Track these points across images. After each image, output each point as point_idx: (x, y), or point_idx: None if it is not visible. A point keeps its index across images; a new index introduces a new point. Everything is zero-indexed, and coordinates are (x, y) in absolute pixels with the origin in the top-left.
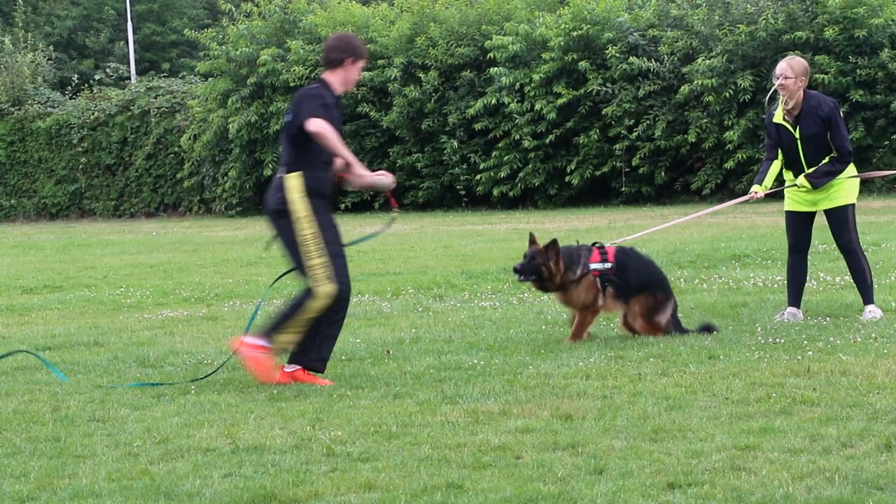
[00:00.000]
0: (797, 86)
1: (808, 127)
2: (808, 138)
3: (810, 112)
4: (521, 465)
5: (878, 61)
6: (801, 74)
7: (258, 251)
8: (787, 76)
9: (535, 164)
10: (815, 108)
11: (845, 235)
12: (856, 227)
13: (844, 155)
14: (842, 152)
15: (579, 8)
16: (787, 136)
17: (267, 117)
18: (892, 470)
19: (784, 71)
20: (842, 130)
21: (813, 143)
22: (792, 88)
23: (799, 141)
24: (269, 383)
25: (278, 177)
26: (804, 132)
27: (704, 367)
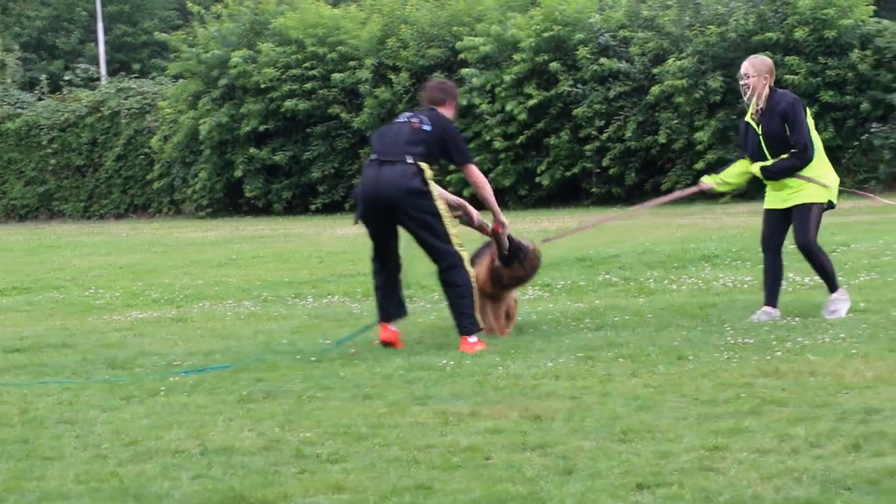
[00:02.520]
0: (761, 84)
1: (769, 124)
2: (769, 135)
3: (772, 109)
4: (491, 466)
5: (847, 62)
6: (765, 73)
7: (228, 252)
8: (750, 75)
9: (506, 165)
10: (776, 104)
11: (803, 235)
12: (817, 228)
13: (801, 150)
14: (798, 147)
15: (550, 9)
16: (752, 132)
17: (238, 119)
18: (861, 470)
19: (746, 70)
20: (799, 126)
21: (774, 140)
22: (757, 86)
23: (761, 137)
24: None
25: (411, 163)
26: (765, 129)
27: (674, 368)
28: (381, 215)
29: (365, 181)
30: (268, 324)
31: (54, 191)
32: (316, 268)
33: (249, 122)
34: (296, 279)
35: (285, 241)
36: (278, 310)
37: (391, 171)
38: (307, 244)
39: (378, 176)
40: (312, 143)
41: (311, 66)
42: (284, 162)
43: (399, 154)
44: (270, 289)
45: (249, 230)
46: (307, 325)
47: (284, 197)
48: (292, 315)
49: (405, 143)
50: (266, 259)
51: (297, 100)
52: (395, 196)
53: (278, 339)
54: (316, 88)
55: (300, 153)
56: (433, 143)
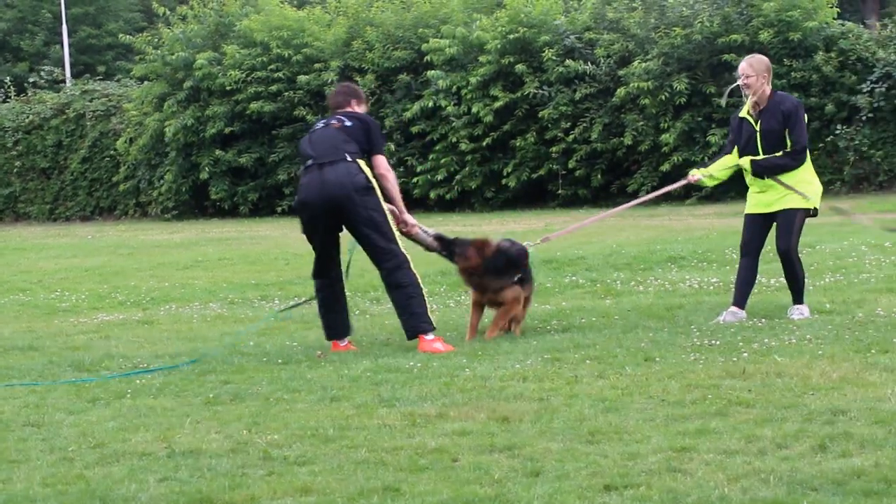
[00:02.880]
0: (760, 82)
1: (768, 121)
2: (767, 132)
3: (774, 107)
4: (458, 468)
5: (812, 64)
6: (763, 71)
7: (194, 254)
8: (749, 74)
9: (472, 167)
10: (778, 103)
11: (786, 241)
12: (799, 235)
13: (798, 151)
14: (796, 147)
15: (516, 11)
16: (748, 129)
17: (203, 121)
18: (827, 471)
19: (745, 70)
20: (800, 127)
21: (771, 138)
22: (755, 85)
23: (759, 134)
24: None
25: (351, 161)
26: (764, 126)
27: (641, 369)
28: (326, 220)
29: (307, 187)
30: (234, 326)
31: (19, 193)
32: (282, 270)
33: (215, 124)
34: (262, 281)
35: (251, 243)
36: (245, 312)
37: (334, 171)
38: (273, 246)
39: (321, 179)
40: (278, 146)
41: (276, 68)
42: (250, 164)
43: (337, 154)
44: (237, 291)
45: (215, 232)
46: (274, 328)
47: (250, 199)
48: (259, 317)
49: (339, 143)
50: (232, 261)
51: (263, 102)
52: (341, 195)
53: (245, 341)
54: (281, 90)
55: (266, 155)
56: (358, 135)
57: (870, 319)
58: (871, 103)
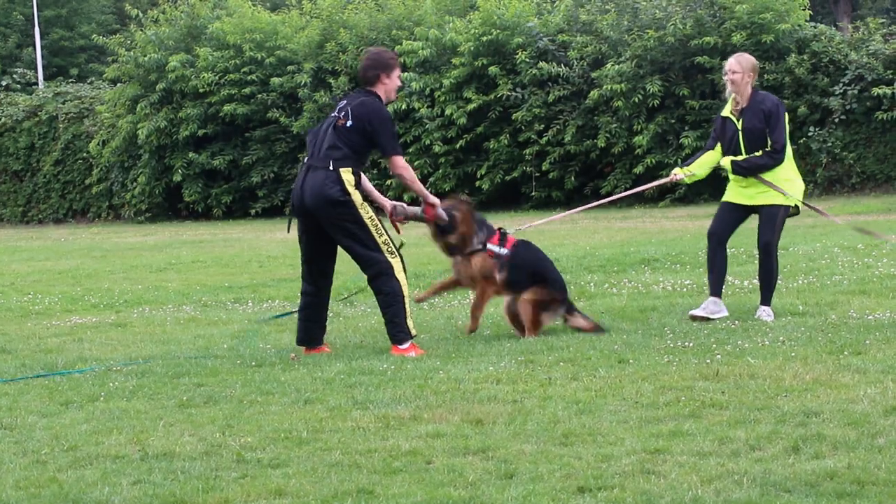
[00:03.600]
0: (745, 80)
1: (750, 120)
2: (749, 131)
3: (755, 106)
4: (432, 470)
5: (785, 66)
6: (749, 70)
7: (168, 257)
8: (735, 71)
9: (446, 170)
10: (759, 102)
11: (768, 234)
12: (780, 232)
13: (777, 150)
14: (775, 147)
15: (489, 13)
16: (730, 127)
17: (176, 123)
18: (800, 472)
19: (732, 66)
20: (780, 127)
21: (753, 136)
22: (740, 83)
23: (740, 132)
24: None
25: (331, 170)
26: (746, 125)
27: (614, 371)
28: (309, 223)
29: (295, 189)
30: (207, 328)
31: None
32: (256, 272)
33: (188, 126)
34: (236, 284)
35: (225, 245)
36: (218, 314)
37: (314, 178)
38: (247, 249)
39: (303, 183)
40: (251, 148)
41: (249, 70)
42: (223, 166)
43: (322, 160)
44: (210, 293)
45: (189, 235)
46: (247, 330)
47: (224, 201)
48: (232, 320)
49: (328, 148)
50: (206, 264)
51: (236, 104)
52: (314, 205)
53: (218, 343)
54: (255, 93)
55: (239, 157)
56: (356, 138)
57: (843, 321)
58: (844, 105)
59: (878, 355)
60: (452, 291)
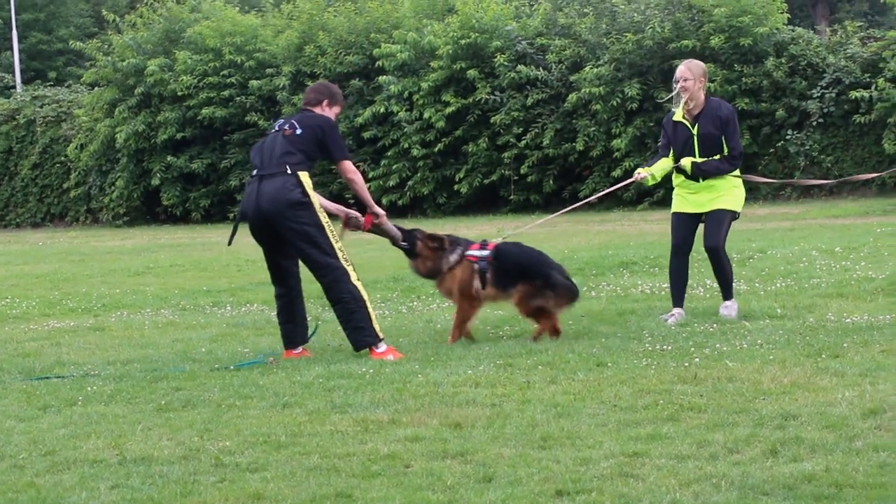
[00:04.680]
0: (697, 87)
1: (706, 126)
2: (705, 136)
3: (710, 112)
4: (411, 474)
5: (763, 69)
6: (700, 76)
7: (146, 261)
8: (687, 78)
9: (424, 173)
10: (715, 109)
11: (714, 239)
12: (726, 236)
13: (735, 157)
14: (733, 153)
15: (467, 16)
16: (684, 132)
17: (155, 126)
18: (778, 475)
19: (683, 73)
20: (736, 134)
21: (708, 142)
22: (692, 89)
23: (696, 137)
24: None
25: (290, 174)
26: (701, 130)
27: (593, 375)
28: (266, 232)
29: (247, 198)
30: (186, 332)
31: None
32: (234, 276)
33: (166, 129)
34: (214, 287)
35: (203, 249)
36: (196, 318)
37: (270, 184)
38: (225, 252)
39: (258, 191)
40: (230, 151)
41: (228, 73)
42: (202, 170)
43: (277, 166)
44: (188, 297)
45: (167, 238)
46: (225, 334)
47: (202, 205)
48: (210, 324)
49: (282, 155)
50: (184, 267)
51: (215, 107)
52: (274, 210)
53: (197, 347)
54: (233, 96)
55: (218, 161)
56: (307, 145)
57: (820, 324)
58: (822, 108)
59: (856, 358)
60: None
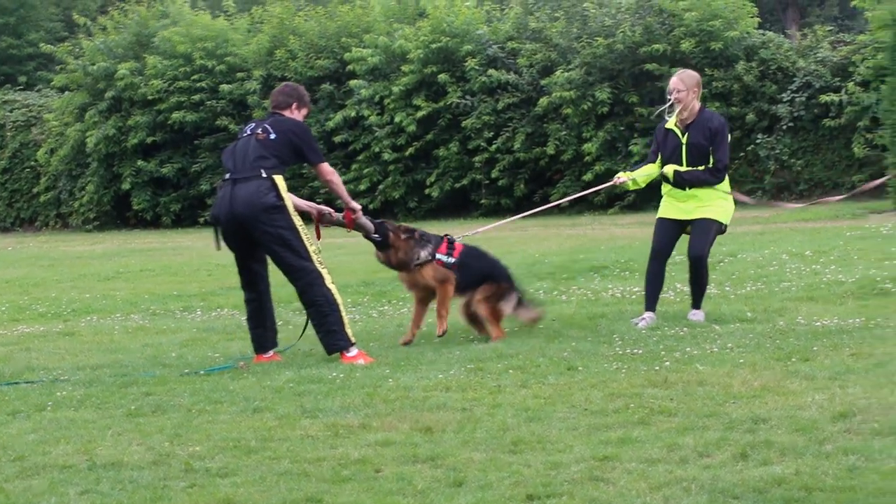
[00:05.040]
0: (690, 97)
1: (695, 136)
2: (693, 146)
3: (702, 123)
4: (381, 479)
5: (733, 73)
6: (693, 87)
7: (116, 265)
8: (680, 89)
9: (395, 177)
10: (706, 120)
11: (699, 248)
12: (711, 246)
13: (719, 169)
14: (718, 166)
15: (438, 20)
16: (674, 140)
17: (125, 131)
18: (748, 479)
19: (676, 85)
20: (724, 146)
21: (696, 152)
22: (686, 100)
23: (684, 146)
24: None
25: (264, 177)
26: (691, 139)
27: (563, 379)
28: (239, 235)
29: (220, 202)
30: (156, 337)
31: None
32: (205, 281)
33: (137, 134)
34: (184, 292)
35: (174, 254)
36: (167, 323)
37: (244, 188)
38: (196, 257)
39: (232, 195)
40: (201, 155)
41: (199, 77)
42: (172, 174)
43: (251, 170)
44: (159, 302)
45: (137, 243)
46: (196, 339)
47: (173, 210)
48: (181, 328)
49: (255, 159)
50: (154, 272)
51: (185, 111)
52: (249, 213)
53: (167, 352)
54: (204, 100)
55: (188, 165)
56: (281, 149)
57: (790, 328)
58: (792, 112)
59: (826, 362)
60: (425, 311)
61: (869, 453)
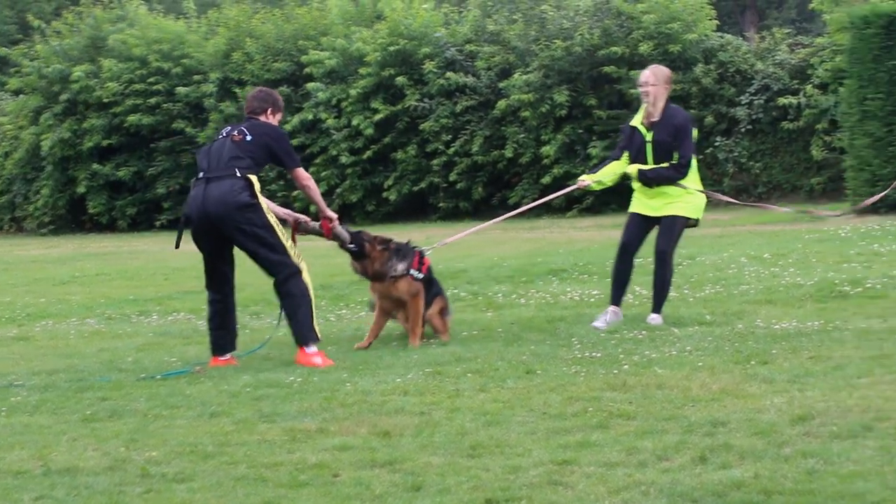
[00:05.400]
0: (660, 92)
1: (660, 133)
2: (658, 143)
3: (667, 120)
4: (339, 484)
5: (692, 76)
6: (664, 82)
7: (71, 270)
8: (651, 83)
9: (353, 181)
10: (671, 116)
11: (664, 243)
12: (677, 243)
13: (682, 165)
14: (681, 161)
15: (396, 23)
16: (639, 138)
17: (80, 134)
18: (707, 482)
19: (647, 78)
20: (688, 142)
21: (661, 149)
22: (655, 94)
23: (649, 144)
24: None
25: (238, 177)
26: (656, 136)
27: (522, 382)
28: (211, 235)
29: (192, 201)
30: (112, 342)
31: None
32: (161, 285)
33: (92, 137)
34: (141, 296)
35: (130, 258)
36: (123, 327)
37: (218, 187)
38: (152, 261)
39: (205, 194)
40: (157, 159)
41: (155, 80)
42: (128, 178)
43: (225, 169)
44: (115, 306)
45: (93, 247)
46: (152, 343)
47: (129, 213)
48: (137, 333)
49: (230, 159)
50: (110, 276)
51: (141, 114)
52: (223, 212)
53: (123, 357)
54: (160, 103)
55: (144, 169)
56: (258, 152)
57: (749, 331)
58: (750, 115)
59: (785, 365)
60: (385, 321)
61: (828, 456)
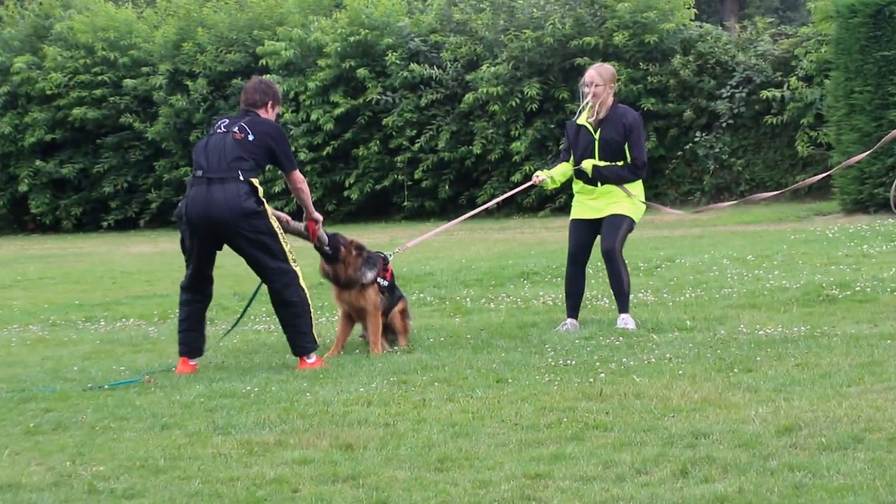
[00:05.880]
0: (607, 92)
1: (609, 132)
2: (606, 142)
3: (615, 119)
4: (299, 499)
5: (669, 68)
6: (610, 81)
7: (13, 273)
8: (598, 84)
9: (312, 178)
10: (621, 115)
11: (609, 241)
12: (624, 241)
13: (638, 166)
14: (636, 163)
15: (356, 12)
16: (586, 137)
17: (22, 129)
18: (688, 497)
19: (594, 79)
20: (641, 143)
21: (609, 148)
22: (602, 95)
23: (597, 142)
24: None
25: (242, 181)
26: (604, 135)
27: (492, 392)
28: (209, 238)
29: (193, 201)
30: (57, 349)
31: None
32: (109, 289)
33: (35, 132)
34: (87, 301)
35: (75, 260)
36: (68, 334)
37: (222, 191)
38: (99, 264)
39: (208, 196)
40: (104, 155)
41: (100, 71)
42: (73, 175)
43: (228, 171)
44: (59, 312)
45: (36, 249)
46: (99, 351)
47: (74, 213)
48: (83, 340)
49: (233, 160)
50: (54, 280)
51: (87, 108)
52: (228, 218)
53: (68, 366)
54: (107, 95)
55: (90, 166)
56: (260, 153)
57: (732, 337)
58: (732, 109)
59: (770, 372)
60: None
61: (816, 469)
